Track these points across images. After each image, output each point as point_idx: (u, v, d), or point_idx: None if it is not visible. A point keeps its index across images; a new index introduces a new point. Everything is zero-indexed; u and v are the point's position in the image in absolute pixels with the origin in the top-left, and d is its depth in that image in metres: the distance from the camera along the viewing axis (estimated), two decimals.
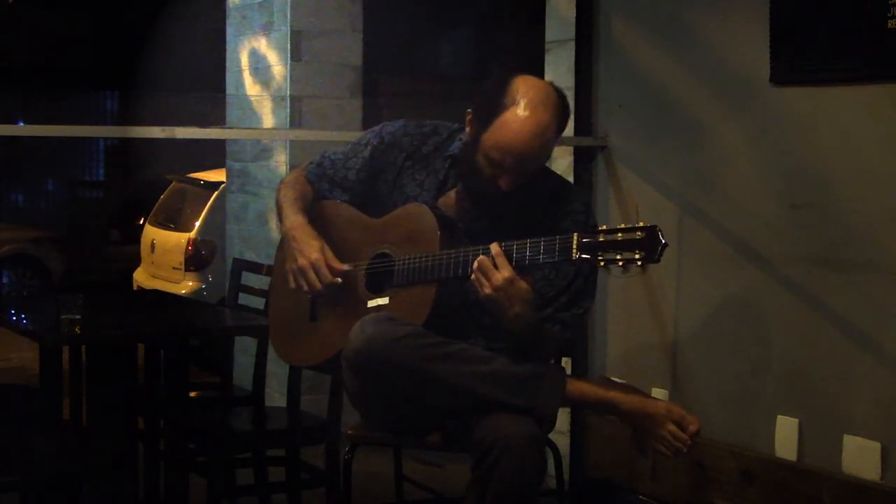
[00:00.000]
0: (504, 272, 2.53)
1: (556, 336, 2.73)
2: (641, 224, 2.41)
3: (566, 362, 3.88)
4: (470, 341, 2.71)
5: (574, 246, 2.46)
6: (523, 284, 2.55)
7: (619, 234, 2.42)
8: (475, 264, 2.55)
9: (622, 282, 3.93)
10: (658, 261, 2.40)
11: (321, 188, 2.97)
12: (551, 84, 2.74)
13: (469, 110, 2.75)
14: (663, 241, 2.39)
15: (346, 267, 2.80)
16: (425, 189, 2.84)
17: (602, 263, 2.44)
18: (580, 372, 4.07)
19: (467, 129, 2.75)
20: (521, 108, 2.64)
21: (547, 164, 2.84)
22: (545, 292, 2.71)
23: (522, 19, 5.97)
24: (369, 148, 2.91)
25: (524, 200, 2.74)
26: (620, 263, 2.42)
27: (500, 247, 2.55)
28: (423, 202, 2.80)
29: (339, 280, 2.78)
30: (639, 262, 2.40)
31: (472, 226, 2.76)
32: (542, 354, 2.74)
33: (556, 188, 2.83)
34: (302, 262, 2.79)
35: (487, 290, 2.54)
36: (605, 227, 2.46)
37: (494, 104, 2.66)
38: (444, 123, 2.91)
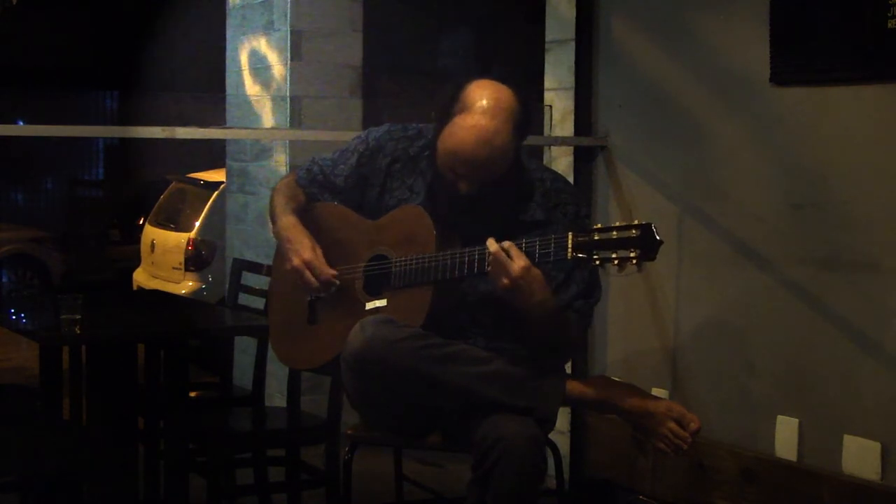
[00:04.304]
0: (520, 261, 2.51)
1: (575, 324, 2.73)
2: (636, 222, 2.41)
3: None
4: (469, 341, 2.71)
5: (569, 245, 2.46)
6: (538, 271, 2.54)
7: (614, 233, 2.42)
8: (490, 258, 2.54)
9: (622, 283, 3.93)
10: (654, 258, 2.40)
11: (312, 193, 2.97)
12: (509, 89, 2.66)
13: (433, 113, 2.73)
14: (659, 239, 2.39)
15: (333, 272, 2.79)
16: (415, 192, 2.83)
17: (597, 262, 2.44)
18: (580, 372, 4.07)
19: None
20: (470, 115, 2.61)
21: (545, 163, 2.83)
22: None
23: (522, 19, 5.96)
24: (356, 154, 2.91)
25: (508, 198, 2.73)
26: (616, 262, 2.42)
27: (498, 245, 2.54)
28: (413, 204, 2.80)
29: (337, 281, 2.78)
30: (634, 261, 2.40)
31: (461, 227, 2.74)
32: (568, 343, 2.74)
33: (546, 181, 2.80)
34: (297, 262, 2.79)
35: (506, 282, 2.52)
36: (599, 225, 2.46)
37: (447, 110, 2.65)
38: (429, 125, 2.90)
